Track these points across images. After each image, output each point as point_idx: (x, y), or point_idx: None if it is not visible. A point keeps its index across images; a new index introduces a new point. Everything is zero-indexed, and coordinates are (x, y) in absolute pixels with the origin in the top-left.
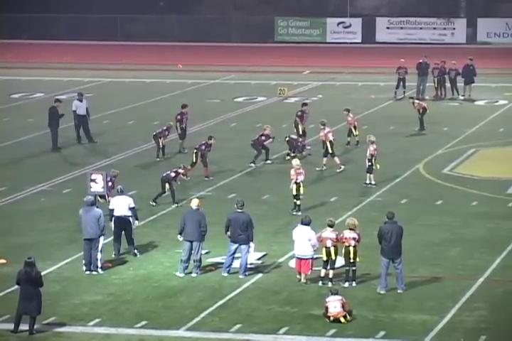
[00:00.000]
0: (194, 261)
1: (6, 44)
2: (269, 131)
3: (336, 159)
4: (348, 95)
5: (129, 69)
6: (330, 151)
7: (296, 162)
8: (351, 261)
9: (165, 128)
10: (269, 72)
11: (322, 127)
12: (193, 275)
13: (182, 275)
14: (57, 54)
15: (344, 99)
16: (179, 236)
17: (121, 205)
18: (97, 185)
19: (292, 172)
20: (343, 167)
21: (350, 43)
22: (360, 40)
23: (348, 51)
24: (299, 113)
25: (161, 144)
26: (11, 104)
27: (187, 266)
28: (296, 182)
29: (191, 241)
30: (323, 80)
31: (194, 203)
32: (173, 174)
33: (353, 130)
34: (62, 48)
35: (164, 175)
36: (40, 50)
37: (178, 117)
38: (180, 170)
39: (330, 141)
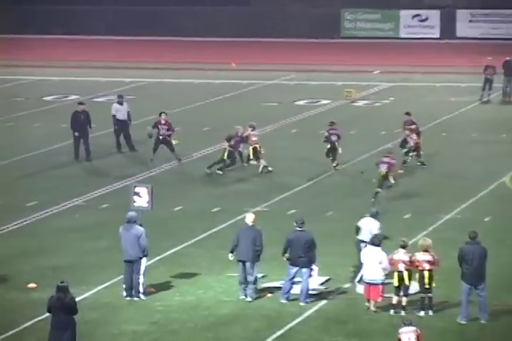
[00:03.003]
0: (248, 284)
1: (36, 39)
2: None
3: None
4: (424, 97)
5: (175, 68)
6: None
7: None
8: (426, 286)
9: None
10: (334, 71)
11: (251, 129)
12: (248, 299)
13: (249, 299)
14: (95, 51)
15: (419, 102)
16: (230, 254)
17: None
18: (142, 200)
19: None
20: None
21: (427, 39)
22: (438, 36)
23: (425, 48)
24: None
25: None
26: (42, 108)
27: (246, 287)
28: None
29: (244, 262)
30: (395, 81)
31: (249, 219)
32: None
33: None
34: (100, 44)
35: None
36: (75, 47)
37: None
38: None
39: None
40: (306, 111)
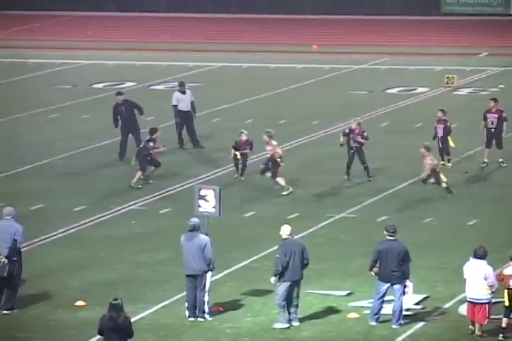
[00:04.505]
0: (294, 307)
1: (87, 17)
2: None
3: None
4: None
5: (247, 50)
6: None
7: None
8: None
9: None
10: (432, 54)
11: (267, 139)
12: (295, 324)
13: (286, 325)
14: (153, 30)
15: None
16: (273, 278)
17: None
18: (208, 204)
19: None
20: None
21: None
22: None
23: None
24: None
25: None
26: (92, 97)
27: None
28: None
29: (296, 281)
30: (505, 65)
31: (286, 231)
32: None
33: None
34: (159, 23)
35: None
36: (130, 26)
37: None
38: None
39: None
40: (400, 101)
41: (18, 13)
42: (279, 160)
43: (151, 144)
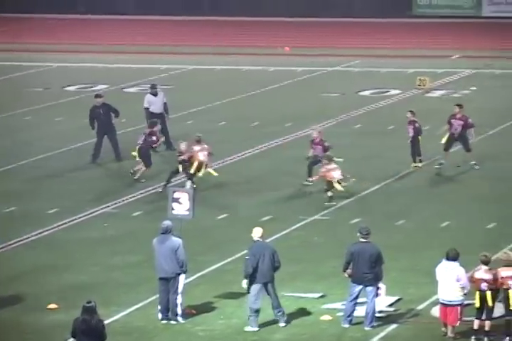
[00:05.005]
0: (275, 308)
1: (56, 19)
2: None
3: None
4: None
5: (219, 52)
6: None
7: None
8: (511, 308)
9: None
10: (405, 56)
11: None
12: (281, 325)
13: (256, 329)
14: (124, 33)
15: (508, 92)
16: (245, 281)
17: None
18: (181, 207)
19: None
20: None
21: None
22: None
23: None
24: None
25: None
26: (64, 100)
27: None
28: None
29: (266, 283)
30: (477, 67)
31: (257, 233)
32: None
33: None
34: (131, 25)
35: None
36: (102, 28)
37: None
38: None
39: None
40: (373, 103)
41: None
42: (194, 164)
43: (154, 138)
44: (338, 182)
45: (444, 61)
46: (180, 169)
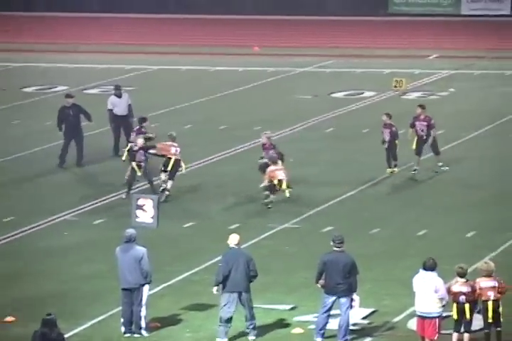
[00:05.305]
0: (248, 320)
1: (13, 17)
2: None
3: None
4: (493, 88)
5: (186, 52)
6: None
7: None
8: (490, 320)
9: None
10: (380, 56)
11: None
12: (251, 338)
13: (224, 340)
14: (86, 32)
15: (487, 94)
16: (215, 289)
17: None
18: (145, 214)
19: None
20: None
21: (495, 16)
22: (508, 12)
23: (492, 27)
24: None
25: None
26: (22, 102)
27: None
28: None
29: (240, 293)
30: (456, 68)
31: (234, 240)
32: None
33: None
34: (93, 24)
35: None
36: (63, 27)
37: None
38: None
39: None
40: (347, 106)
41: None
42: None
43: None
44: (285, 185)
45: (422, 61)
46: (139, 173)
